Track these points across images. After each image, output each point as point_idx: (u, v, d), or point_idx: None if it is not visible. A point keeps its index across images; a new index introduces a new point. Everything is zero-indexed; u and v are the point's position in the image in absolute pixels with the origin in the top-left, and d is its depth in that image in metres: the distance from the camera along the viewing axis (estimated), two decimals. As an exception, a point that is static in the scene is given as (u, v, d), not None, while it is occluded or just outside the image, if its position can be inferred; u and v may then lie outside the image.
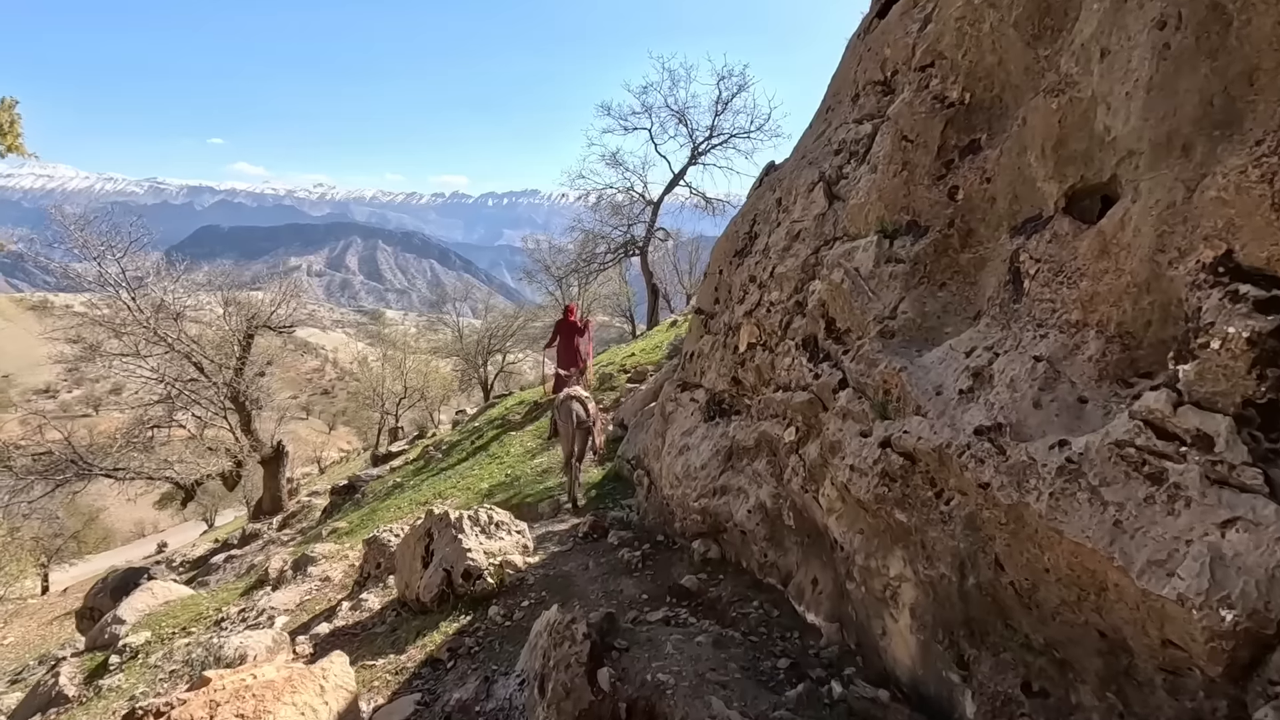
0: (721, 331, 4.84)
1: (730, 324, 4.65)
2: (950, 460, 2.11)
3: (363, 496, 11.69)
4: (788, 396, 3.66)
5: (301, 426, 73.10)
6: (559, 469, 8.90)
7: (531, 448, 10.06)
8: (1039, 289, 2.18)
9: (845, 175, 4.06)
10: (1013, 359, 2.09)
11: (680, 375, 5.63)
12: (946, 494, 2.19)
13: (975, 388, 2.18)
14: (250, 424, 16.10)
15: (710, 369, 4.91)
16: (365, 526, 9.08)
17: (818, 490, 3.21)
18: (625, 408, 9.88)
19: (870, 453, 2.56)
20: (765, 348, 4.14)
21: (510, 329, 32.48)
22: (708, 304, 5.56)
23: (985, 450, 1.98)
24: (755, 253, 4.67)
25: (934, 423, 2.24)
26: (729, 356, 4.54)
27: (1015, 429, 1.92)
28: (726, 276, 5.19)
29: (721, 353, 4.68)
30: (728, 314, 4.78)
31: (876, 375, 2.77)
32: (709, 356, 5.01)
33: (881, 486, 2.46)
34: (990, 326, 2.36)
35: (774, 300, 4.14)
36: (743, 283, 4.66)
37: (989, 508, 1.95)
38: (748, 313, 4.36)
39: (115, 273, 14.52)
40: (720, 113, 17.56)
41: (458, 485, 9.48)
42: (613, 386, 11.86)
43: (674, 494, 4.71)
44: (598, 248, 19.35)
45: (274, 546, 12.27)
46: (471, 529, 4.93)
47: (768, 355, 4.06)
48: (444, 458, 12.02)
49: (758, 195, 5.30)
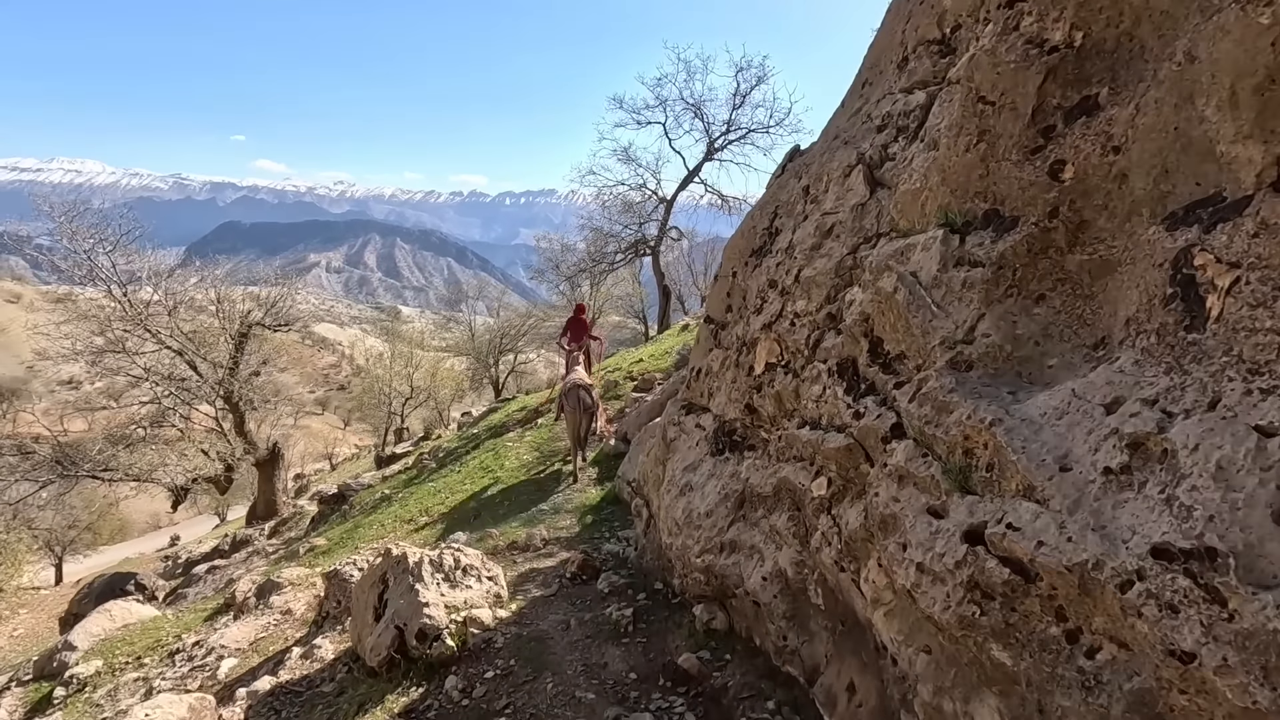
0: (734, 346, 4.01)
1: (745, 338, 3.82)
2: (1103, 593, 1.29)
3: (349, 508, 11.00)
4: (816, 436, 2.84)
5: (316, 421, 73.01)
6: (552, 486, 8.14)
7: (526, 461, 9.29)
8: (1242, 311, 1.35)
9: (891, 156, 3.23)
10: (1211, 427, 1.26)
11: (685, 394, 4.81)
12: (1092, 642, 1.36)
13: (1138, 469, 1.35)
14: (244, 425, 15.50)
15: (720, 391, 4.09)
16: (343, 546, 8.37)
17: (858, 571, 2.39)
18: (629, 420, 9.08)
19: (949, 547, 1.74)
20: (788, 370, 3.31)
21: (522, 328, 31.89)
22: (719, 312, 4.74)
23: (1179, 590, 1.16)
24: (776, 252, 3.85)
25: (1064, 520, 1.42)
26: (742, 378, 3.72)
27: (1243, 559, 1.09)
28: (741, 280, 4.37)
29: (733, 372, 3.86)
30: (742, 325, 3.95)
31: (951, 426, 1.95)
32: (719, 375, 4.19)
33: (969, 605, 1.64)
34: (1145, 366, 1.53)
35: (800, 311, 3.32)
36: (761, 288, 3.83)
37: (1193, 694, 1.13)
38: (767, 325, 3.54)
39: (106, 266, 13.98)
40: (738, 106, 16.70)
41: (445, 502, 8.74)
42: (618, 395, 11.07)
43: (673, 543, 3.90)
44: (607, 246, 18.53)
45: (257, 558, 11.62)
46: (433, 576, 4.15)
47: (791, 380, 3.24)
48: (437, 468, 11.29)
49: (779, 184, 4.48)
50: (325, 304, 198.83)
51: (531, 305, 40.07)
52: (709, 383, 4.35)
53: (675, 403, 5.03)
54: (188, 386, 14.70)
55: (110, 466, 14.01)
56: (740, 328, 3.97)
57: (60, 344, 12.71)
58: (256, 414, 16.02)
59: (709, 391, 4.33)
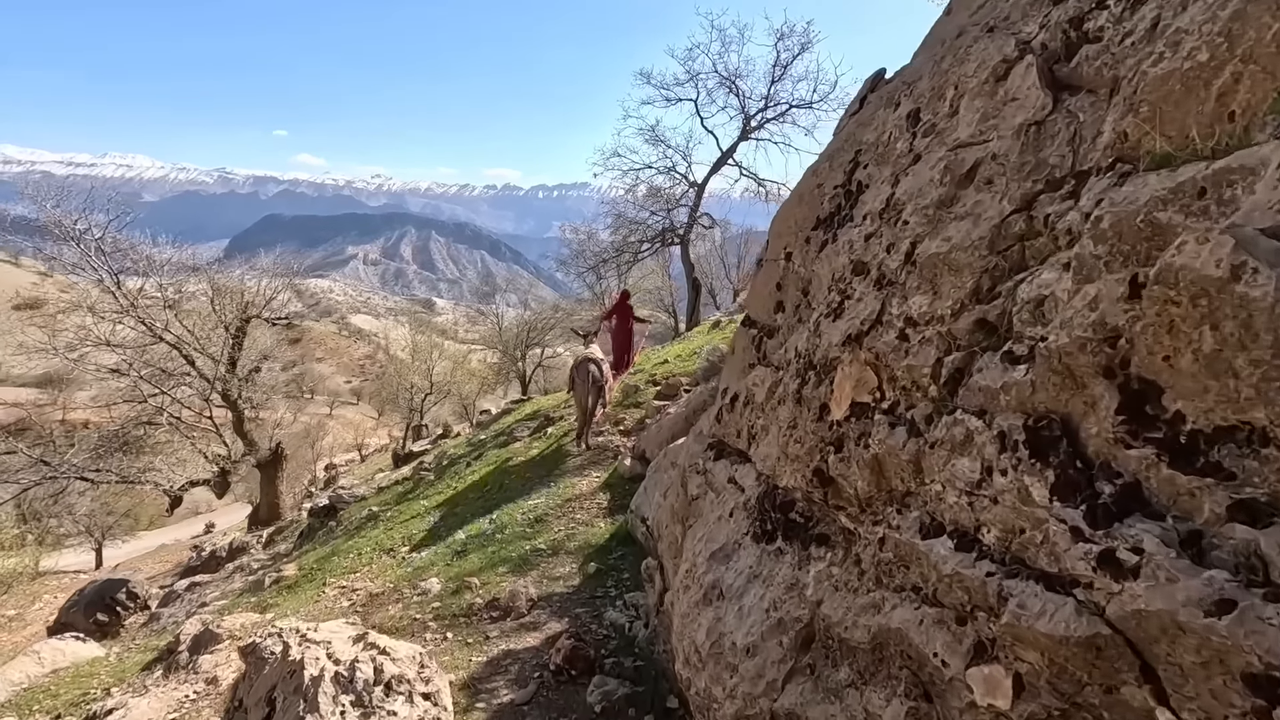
0: (791, 367, 2.56)
1: (811, 356, 2.37)
2: None
3: (336, 525, 9.83)
4: (967, 572, 1.40)
5: (351, 411, 73.65)
6: (553, 517, 6.79)
7: (527, 481, 7.96)
8: None
9: (1093, 35, 1.74)
10: None
11: (715, 429, 3.38)
12: None
13: None
14: (243, 424, 14.54)
15: (769, 434, 2.65)
16: (311, 581, 7.15)
17: None
18: (649, 435, 7.66)
19: None
20: (896, 419, 1.86)
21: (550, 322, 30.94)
22: (764, 311, 3.29)
23: None
24: (863, 218, 2.39)
25: None
26: (808, 422, 2.27)
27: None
28: (801, 265, 2.91)
29: (791, 410, 2.42)
30: (805, 335, 2.50)
31: None
32: (765, 410, 2.75)
33: None
34: None
35: (918, 314, 1.86)
36: (838, 276, 2.38)
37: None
38: (853, 338, 2.08)
39: (95, 253, 13.10)
40: (778, 79, 14.99)
41: (431, 531, 7.45)
42: (638, 403, 9.66)
43: (693, 681, 2.48)
44: (633, 235, 17.04)
45: (238, 576, 10.55)
46: (336, 701, 2.80)
47: (904, 439, 1.79)
48: (435, 481, 10.06)
49: (857, 121, 3.00)
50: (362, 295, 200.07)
51: (560, 298, 38.99)
52: (750, 417, 2.91)
53: (699, 438, 3.60)
54: (186, 383, 13.79)
55: (100, 467, 13.18)
56: (802, 338, 2.51)
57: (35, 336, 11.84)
58: (258, 413, 15.06)
59: (750, 431, 2.89)
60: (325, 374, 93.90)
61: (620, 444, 8.53)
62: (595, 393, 8.16)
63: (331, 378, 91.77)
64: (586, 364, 8.22)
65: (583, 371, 8.20)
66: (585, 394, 8.15)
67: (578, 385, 8.29)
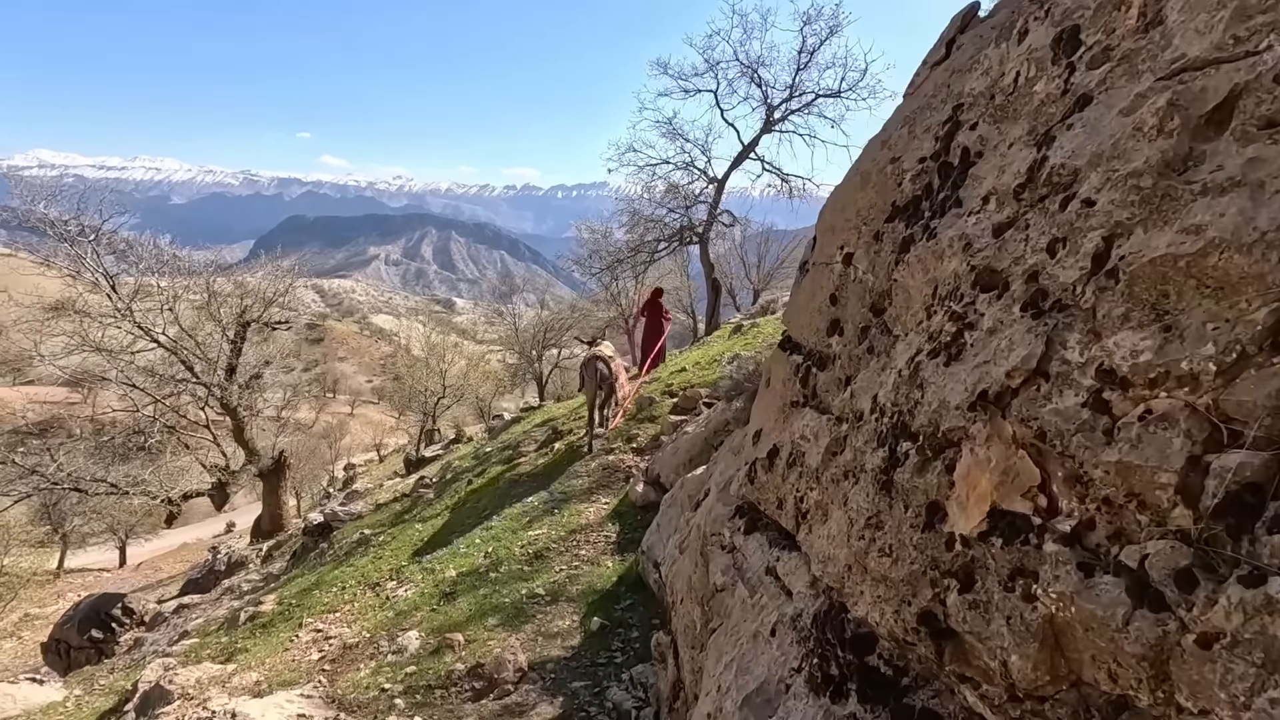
0: (866, 426, 1.72)
1: (904, 415, 1.52)
2: None
3: (328, 546, 9.14)
4: None
5: (372, 410, 73.87)
6: (554, 552, 6.00)
7: (529, 507, 7.16)
8: None
9: None
10: None
11: (745, 488, 2.54)
12: None
13: None
14: (244, 432, 13.97)
15: (827, 518, 1.81)
16: (289, 618, 6.44)
17: None
18: (664, 457, 6.84)
19: None
20: (1095, 560, 1.02)
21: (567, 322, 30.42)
22: (810, 333, 2.46)
23: None
24: (980, 202, 1.54)
25: None
26: (904, 525, 1.42)
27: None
28: (867, 273, 2.06)
29: (872, 497, 1.57)
30: (889, 380, 1.65)
31: None
32: (821, 479, 1.91)
33: None
34: None
35: (1138, 369, 1.01)
36: (944, 291, 1.53)
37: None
38: (989, 399, 1.24)
39: (90, 254, 12.60)
40: (804, 66, 14.02)
41: (421, 564, 6.70)
42: (653, 416, 8.83)
43: None
44: (649, 234, 16.15)
45: (228, 598, 9.93)
46: None
47: (1132, 615, 0.93)
48: (433, 501, 9.33)
49: (947, 70, 2.14)
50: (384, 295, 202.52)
51: (577, 297, 38.38)
52: (799, 484, 2.07)
53: (724, 496, 2.76)
54: (185, 389, 13.25)
55: (96, 477, 12.68)
56: (884, 383, 1.66)
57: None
58: (259, 420, 14.49)
59: (798, 505, 2.05)
60: (347, 373, 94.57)
61: (632, 464, 7.71)
62: (606, 390, 8.29)
63: (353, 377, 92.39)
64: (595, 361, 8.35)
65: (591, 369, 8.34)
66: (594, 391, 8.27)
67: (587, 382, 8.47)
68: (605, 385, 8.24)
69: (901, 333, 1.75)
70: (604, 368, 8.23)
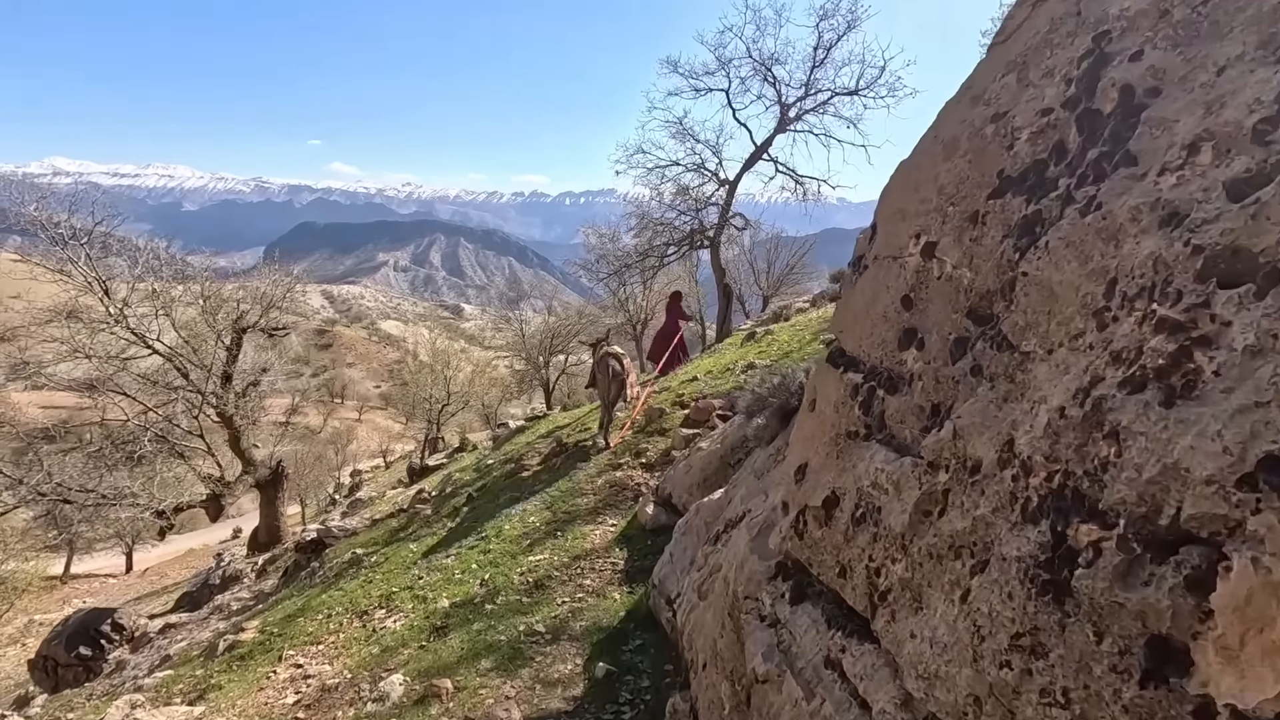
0: (991, 486, 1.19)
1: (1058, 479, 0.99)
2: None
3: (320, 565, 8.64)
4: None
5: (380, 416, 73.68)
6: (556, 581, 5.46)
7: (531, 528, 6.64)
8: None
9: None
10: None
11: (789, 543, 2.01)
12: None
13: None
14: (240, 442, 13.52)
15: (930, 614, 1.28)
16: (270, 649, 5.93)
17: None
18: (676, 474, 6.30)
19: None
20: None
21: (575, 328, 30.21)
22: (874, 344, 1.93)
23: None
24: (1185, 151, 1.02)
25: None
26: (1090, 662, 0.89)
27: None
28: (961, 266, 1.53)
29: (1010, 598, 1.04)
30: (1039, 423, 1.11)
31: None
32: (909, 550, 1.38)
33: None
34: None
35: None
36: (1129, 288, 1.01)
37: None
38: (1265, 478, 0.72)
39: (84, 258, 12.21)
40: (819, 63, 13.48)
41: (414, 587, 6.19)
42: (663, 429, 8.30)
43: None
44: (658, 238, 15.60)
45: (215, 618, 9.45)
46: None
47: None
48: (430, 519, 8.82)
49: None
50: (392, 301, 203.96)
51: (584, 303, 38.02)
52: (874, 552, 1.54)
53: (760, 549, 2.22)
54: (181, 396, 12.82)
55: (84, 488, 12.24)
56: (1025, 429, 1.13)
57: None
58: (256, 428, 14.05)
59: (874, 582, 1.52)
60: (355, 378, 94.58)
61: (641, 481, 7.19)
62: (617, 386, 8.41)
63: (361, 382, 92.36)
64: (607, 359, 8.51)
65: (604, 366, 8.49)
66: (607, 388, 8.42)
67: (600, 380, 8.61)
68: (617, 380, 8.40)
69: (1039, 349, 1.22)
70: (617, 365, 8.43)
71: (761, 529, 2.35)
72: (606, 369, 8.44)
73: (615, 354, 8.67)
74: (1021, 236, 1.38)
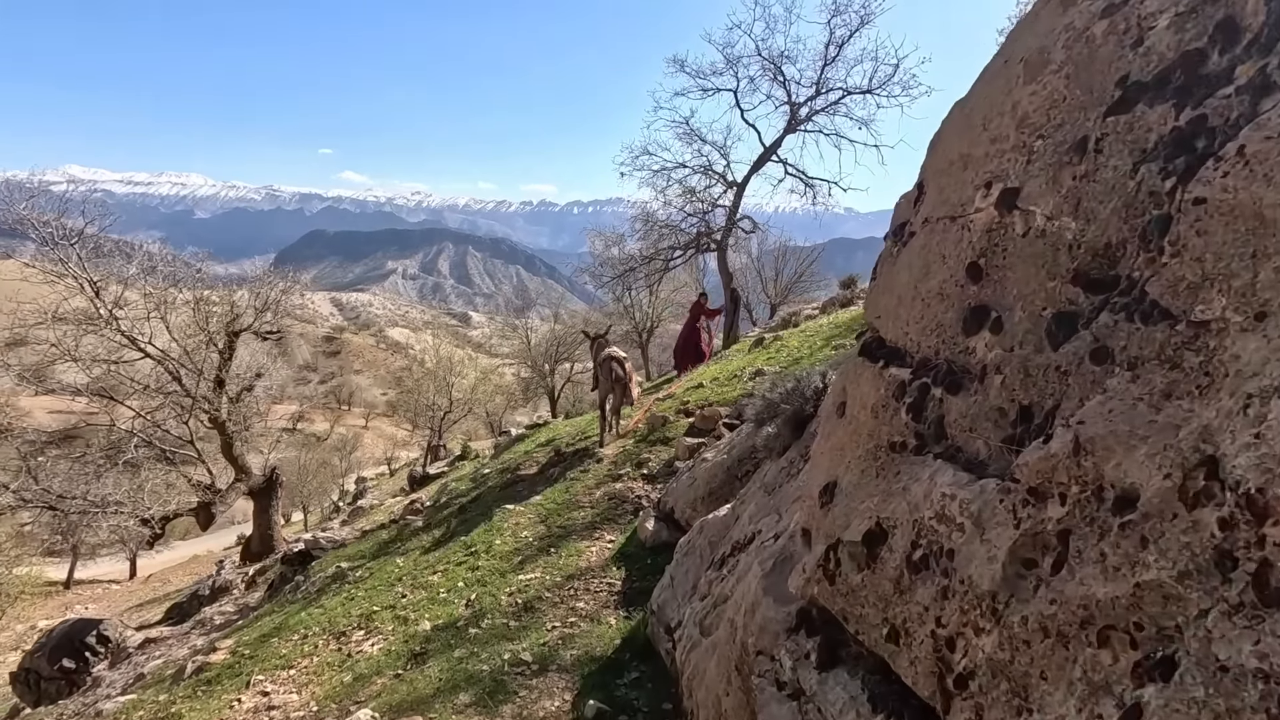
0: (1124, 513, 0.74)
1: None
2: None
3: (304, 579, 8.21)
4: None
5: (386, 423, 73.44)
6: (547, 603, 5.00)
7: (523, 543, 6.19)
8: None
9: None
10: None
11: (815, 587, 1.55)
12: None
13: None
14: (233, 448, 13.15)
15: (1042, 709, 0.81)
16: (239, 673, 5.48)
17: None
18: (679, 486, 5.85)
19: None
20: None
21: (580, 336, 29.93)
22: (925, 330, 1.48)
23: None
24: None
25: None
26: None
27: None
28: (1062, 216, 1.09)
29: None
30: (1252, 441, 0.66)
31: None
32: (1000, 619, 0.92)
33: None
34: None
35: None
36: None
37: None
38: None
39: (75, 259, 11.92)
40: (831, 61, 13.06)
41: (396, 606, 5.74)
42: (666, 438, 7.84)
43: None
44: (663, 241, 15.14)
45: (195, 634, 9.02)
46: None
47: None
48: (420, 531, 8.38)
49: None
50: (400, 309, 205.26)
51: (591, 310, 37.78)
52: (938, 605, 1.09)
53: (776, 591, 1.77)
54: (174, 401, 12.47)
55: (73, 495, 11.88)
56: (1241, 442, 0.67)
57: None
58: (249, 434, 13.68)
59: (940, 648, 1.07)
60: (363, 385, 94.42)
61: (642, 493, 6.74)
62: (619, 389, 8.28)
63: (369, 389, 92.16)
64: (610, 362, 8.40)
65: (606, 369, 8.40)
66: (608, 390, 8.37)
67: (602, 381, 8.54)
68: (620, 384, 8.23)
69: (1232, 314, 0.77)
70: (618, 368, 8.27)
71: (777, 563, 1.89)
72: (609, 372, 8.28)
73: (617, 357, 8.51)
74: (1174, 156, 0.93)
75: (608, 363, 8.42)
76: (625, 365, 8.45)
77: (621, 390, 8.29)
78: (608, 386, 8.35)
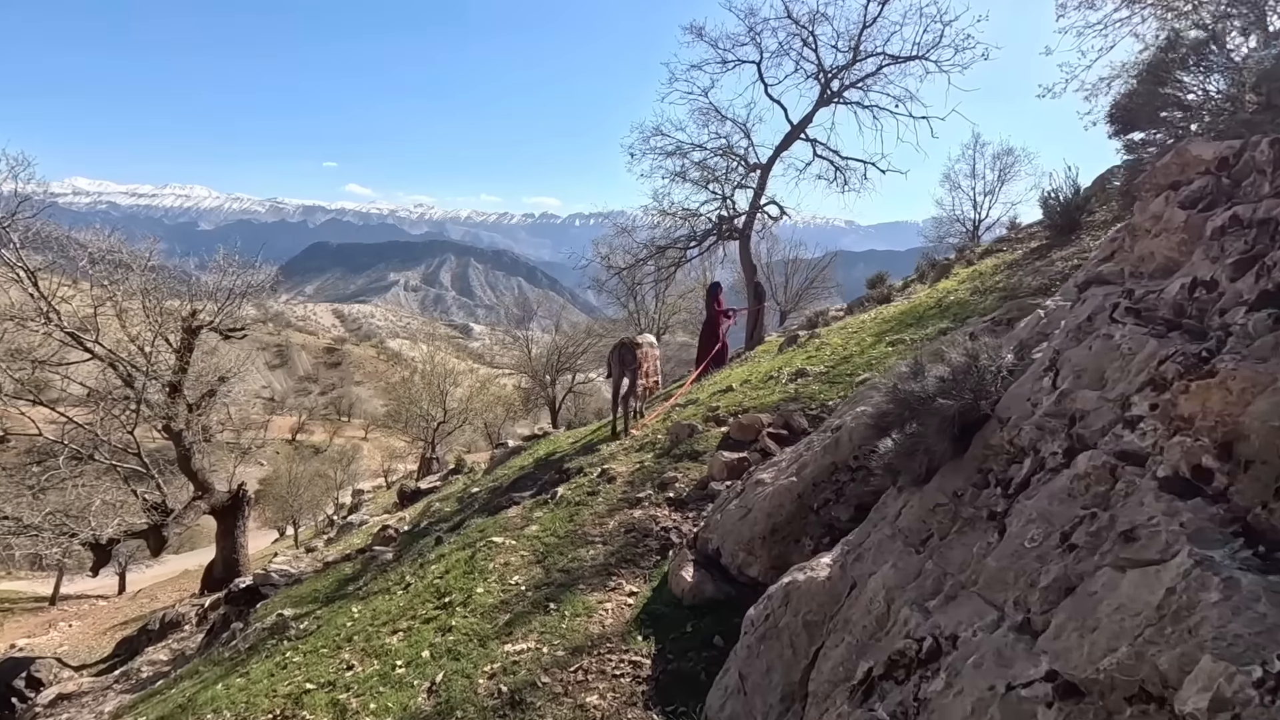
0: None
1: None
2: None
3: (243, 626, 6.59)
4: None
5: (386, 434, 71.80)
6: (544, 694, 3.41)
7: (512, 593, 4.58)
8: None
9: None
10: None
11: None
12: None
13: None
14: (190, 462, 11.57)
15: None
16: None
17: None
18: (725, 519, 4.24)
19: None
20: None
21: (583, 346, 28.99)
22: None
23: None
24: None
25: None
26: None
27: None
28: None
29: None
30: None
31: None
32: None
33: None
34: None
35: None
36: None
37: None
38: None
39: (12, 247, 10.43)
40: (870, 22, 11.52)
41: (336, 685, 4.13)
42: (694, 452, 6.25)
43: None
44: (678, 229, 13.45)
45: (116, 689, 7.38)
46: None
47: None
48: (391, 563, 6.78)
49: None
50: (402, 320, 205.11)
51: (592, 321, 36.65)
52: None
53: None
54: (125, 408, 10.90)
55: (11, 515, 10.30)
56: None
57: None
58: (210, 446, 12.09)
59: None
60: (363, 396, 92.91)
61: (670, 525, 5.13)
62: (631, 376, 8.12)
63: (369, 400, 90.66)
64: (620, 349, 8.27)
65: (616, 357, 8.26)
66: (620, 378, 8.14)
67: (614, 370, 8.34)
68: (630, 370, 8.02)
69: None
70: (628, 355, 8.06)
71: None
72: (619, 359, 8.08)
73: (630, 342, 8.28)
74: None
75: (617, 349, 8.26)
76: (636, 351, 8.12)
77: (632, 376, 8.06)
78: (620, 372, 8.08)
